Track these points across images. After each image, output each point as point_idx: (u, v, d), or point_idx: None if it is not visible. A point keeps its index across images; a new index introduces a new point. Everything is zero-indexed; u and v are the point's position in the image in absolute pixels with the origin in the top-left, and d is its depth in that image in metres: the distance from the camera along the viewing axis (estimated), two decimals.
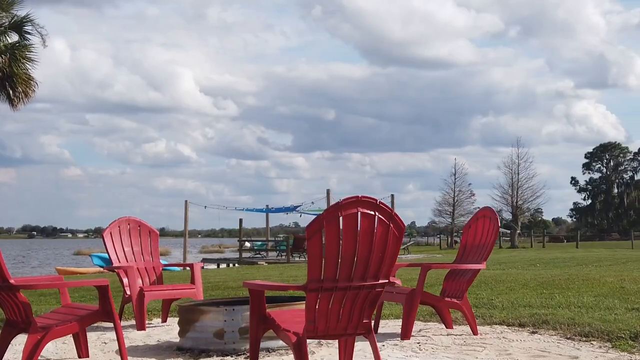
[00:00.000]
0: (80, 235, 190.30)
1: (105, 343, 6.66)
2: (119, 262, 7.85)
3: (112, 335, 7.05)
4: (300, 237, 37.76)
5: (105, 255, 30.99)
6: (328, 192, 33.38)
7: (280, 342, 5.84)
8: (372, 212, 4.55)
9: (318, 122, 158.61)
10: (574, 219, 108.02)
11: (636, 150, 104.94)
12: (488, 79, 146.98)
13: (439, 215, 67.00)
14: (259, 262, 32.84)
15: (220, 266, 33.05)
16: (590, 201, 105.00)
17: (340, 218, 4.47)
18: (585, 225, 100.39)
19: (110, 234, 7.93)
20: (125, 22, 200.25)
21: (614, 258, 24.60)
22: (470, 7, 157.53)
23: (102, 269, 28.19)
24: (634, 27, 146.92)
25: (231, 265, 33.37)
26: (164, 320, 8.03)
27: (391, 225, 4.60)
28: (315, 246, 4.48)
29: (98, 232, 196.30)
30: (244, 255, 37.82)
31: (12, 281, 5.06)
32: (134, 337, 6.96)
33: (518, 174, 62.59)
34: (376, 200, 4.58)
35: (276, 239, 46.00)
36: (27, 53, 22.05)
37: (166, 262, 10.06)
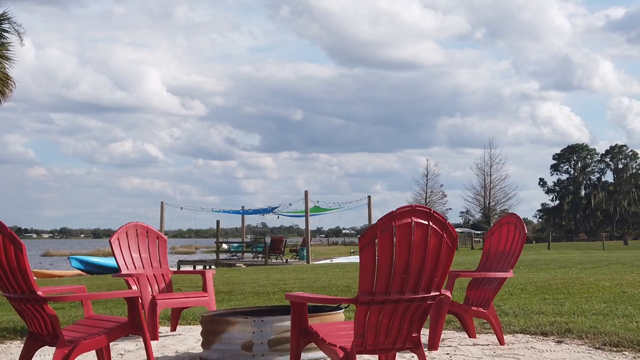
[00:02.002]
0: (45, 235, 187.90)
1: (121, 354, 6.41)
2: (128, 269, 7.59)
3: (126, 345, 6.81)
4: (277, 238, 37.49)
5: (85, 257, 30.53)
6: (306, 193, 33.10)
7: (311, 355, 5.65)
8: (426, 222, 4.37)
9: (286, 122, 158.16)
10: (541, 220, 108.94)
11: (603, 152, 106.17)
12: (454, 81, 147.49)
13: None
14: (236, 264, 32.54)
15: (197, 268, 32.71)
16: (558, 202, 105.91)
17: (394, 228, 4.30)
18: (553, 226, 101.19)
19: (118, 240, 7.66)
20: (92, 21, 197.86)
21: (592, 260, 24.71)
22: (436, 9, 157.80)
23: (81, 272, 27.71)
24: (598, 30, 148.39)
25: (208, 267, 33.00)
26: (173, 329, 7.80)
27: (444, 235, 4.43)
28: (368, 257, 4.29)
29: (63, 233, 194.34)
30: (221, 256, 37.45)
31: (39, 293, 4.82)
32: None
33: (490, 175, 63.01)
34: (430, 210, 4.41)
35: (250, 240, 45.73)
36: (4, 52, 21.59)
37: None
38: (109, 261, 29.82)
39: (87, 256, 33.03)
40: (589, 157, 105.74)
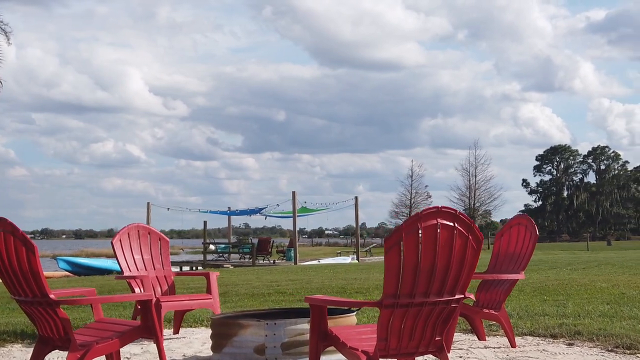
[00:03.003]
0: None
1: (127, 358, 6.29)
2: (130, 270, 7.45)
3: (131, 349, 6.69)
4: (264, 239, 37.35)
5: (73, 259, 30.24)
6: (294, 194, 32.97)
7: (325, 358, 5.55)
8: (451, 224, 4.29)
9: (268, 123, 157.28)
10: None
11: (585, 153, 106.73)
12: (437, 82, 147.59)
13: (396, 217, 67.24)
14: (224, 265, 32.38)
15: (183, 269, 32.51)
16: (540, 203, 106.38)
17: (420, 230, 4.21)
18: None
19: (120, 241, 7.52)
20: (73, 21, 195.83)
21: (581, 261, 24.77)
22: (419, 10, 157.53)
23: (68, 273, 27.46)
24: (579, 32, 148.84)
25: (194, 268, 32.82)
26: (176, 332, 7.67)
27: (470, 237, 4.35)
28: (393, 259, 4.21)
29: (45, 234, 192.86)
30: (208, 257, 37.27)
31: (52, 296, 4.70)
32: (154, 351, 6.60)
33: (475, 176, 63.17)
34: (455, 211, 4.33)
35: (236, 240, 45.52)
36: None
37: None
38: (97, 262, 29.63)
39: (74, 257, 32.76)
40: (571, 158, 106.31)
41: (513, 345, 6.46)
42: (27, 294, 4.79)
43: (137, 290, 7.31)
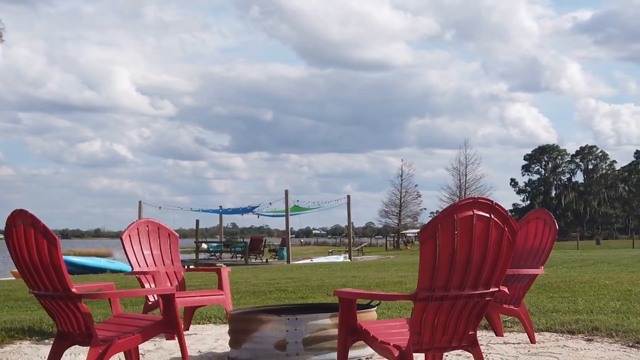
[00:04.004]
0: None
1: (142, 355, 6.16)
2: (140, 266, 7.33)
3: (144, 345, 6.55)
4: (257, 238, 37.20)
5: (66, 257, 29.91)
6: (287, 192, 32.87)
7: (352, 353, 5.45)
8: (488, 215, 4.19)
9: (256, 122, 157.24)
10: None
11: (573, 153, 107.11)
12: (425, 82, 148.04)
13: (386, 216, 67.21)
14: (216, 264, 32.21)
15: None
16: (529, 202, 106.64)
17: (456, 221, 4.11)
18: None
19: (129, 236, 7.39)
20: (60, 20, 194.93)
21: (575, 259, 24.84)
22: (406, 10, 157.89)
23: None
24: (566, 32, 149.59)
25: (187, 267, 32.64)
26: (187, 328, 7.54)
27: (505, 228, 4.25)
28: (428, 252, 4.10)
29: None
30: (200, 256, 37.09)
31: (74, 290, 4.57)
32: (168, 347, 6.50)
33: (466, 175, 63.22)
34: (492, 202, 4.23)
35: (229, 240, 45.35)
36: None
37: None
38: (91, 261, 29.46)
39: (66, 256, 32.52)
40: (559, 157, 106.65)
41: (533, 341, 6.37)
42: (47, 288, 4.66)
43: (147, 285, 7.20)
